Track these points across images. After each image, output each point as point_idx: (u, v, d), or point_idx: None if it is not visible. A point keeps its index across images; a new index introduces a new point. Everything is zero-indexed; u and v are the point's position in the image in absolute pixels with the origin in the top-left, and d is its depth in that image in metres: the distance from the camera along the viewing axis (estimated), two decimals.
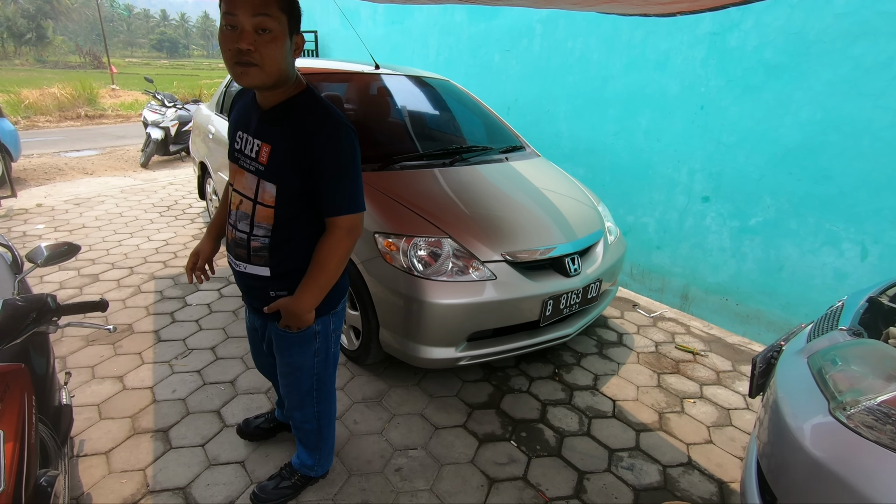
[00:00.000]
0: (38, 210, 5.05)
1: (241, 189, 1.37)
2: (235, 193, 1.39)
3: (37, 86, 14.51)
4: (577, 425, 2.32)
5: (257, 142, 1.31)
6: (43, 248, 1.55)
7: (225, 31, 1.14)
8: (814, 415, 1.21)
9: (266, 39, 1.15)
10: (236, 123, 1.40)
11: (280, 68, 1.21)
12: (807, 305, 3.04)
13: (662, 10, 2.18)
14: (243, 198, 1.37)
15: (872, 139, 2.66)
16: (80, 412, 2.20)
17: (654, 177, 3.71)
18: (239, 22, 1.12)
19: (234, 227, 1.41)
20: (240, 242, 1.41)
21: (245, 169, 1.35)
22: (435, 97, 3.67)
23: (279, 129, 1.30)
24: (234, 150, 1.39)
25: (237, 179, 1.38)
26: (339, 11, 6.90)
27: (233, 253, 1.46)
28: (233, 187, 1.41)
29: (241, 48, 1.13)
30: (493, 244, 2.29)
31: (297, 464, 1.85)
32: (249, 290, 1.52)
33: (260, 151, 1.31)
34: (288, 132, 1.28)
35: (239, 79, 1.20)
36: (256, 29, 1.13)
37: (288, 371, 1.61)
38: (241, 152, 1.36)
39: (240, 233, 1.40)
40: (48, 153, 8.28)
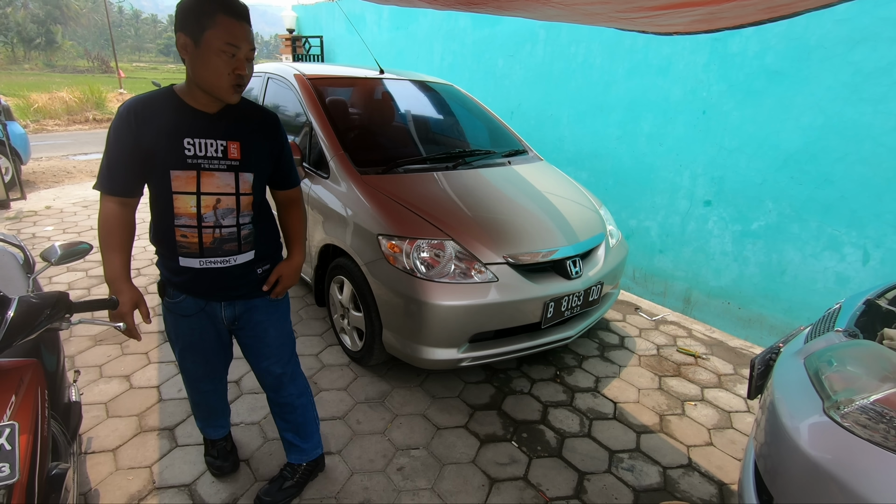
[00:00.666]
0: (47, 212, 5.13)
1: (215, 189, 1.41)
2: (204, 197, 1.40)
3: (46, 90, 14.69)
4: (578, 427, 2.34)
5: (221, 142, 1.40)
6: (57, 246, 1.59)
7: (224, 57, 1.29)
8: (809, 415, 1.23)
9: (250, 66, 1.37)
10: (174, 134, 1.36)
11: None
12: (809, 309, 3.04)
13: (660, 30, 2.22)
14: (220, 196, 1.42)
15: (873, 144, 2.68)
16: (89, 410, 2.24)
17: (656, 181, 3.73)
18: (239, 52, 1.30)
19: (218, 226, 1.44)
20: (229, 238, 1.47)
21: (214, 169, 1.40)
22: (439, 102, 3.71)
23: (242, 125, 1.44)
24: (185, 157, 1.37)
25: (206, 182, 1.40)
26: (345, 17, 6.97)
27: (218, 252, 1.47)
28: (198, 193, 1.40)
29: (241, 74, 1.33)
30: (495, 247, 2.32)
31: (296, 460, 1.88)
32: (234, 281, 1.55)
33: (227, 149, 1.41)
34: (254, 127, 1.46)
35: (232, 97, 1.36)
36: (248, 59, 1.34)
37: (282, 342, 1.72)
38: (200, 156, 1.38)
39: (227, 228, 1.46)
40: (57, 156, 8.38)
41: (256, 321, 1.65)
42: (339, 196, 2.60)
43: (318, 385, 2.52)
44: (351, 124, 3.19)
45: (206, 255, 1.46)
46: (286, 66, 3.39)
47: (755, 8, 1.58)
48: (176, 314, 1.60)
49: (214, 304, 1.59)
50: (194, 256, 1.46)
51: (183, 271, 1.48)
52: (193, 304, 1.57)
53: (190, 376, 1.76)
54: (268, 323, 1.67)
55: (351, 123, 3.20)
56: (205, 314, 1.59)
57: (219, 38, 1.27)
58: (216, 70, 1.30)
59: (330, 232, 2.63)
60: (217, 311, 1.60)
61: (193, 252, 1.45)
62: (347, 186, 2.57)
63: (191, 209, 1.40)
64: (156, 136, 1.34)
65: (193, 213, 1.41)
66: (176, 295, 1.56)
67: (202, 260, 1.46)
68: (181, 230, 1.42)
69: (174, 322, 1.62)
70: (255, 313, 1.64)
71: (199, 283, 1.51)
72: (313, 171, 2.82)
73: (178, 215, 1.40)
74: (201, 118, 1.39)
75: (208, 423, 1.91)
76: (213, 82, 1.32)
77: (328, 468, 2.00)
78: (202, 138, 1.38)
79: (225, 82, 1.32)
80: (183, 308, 1.57)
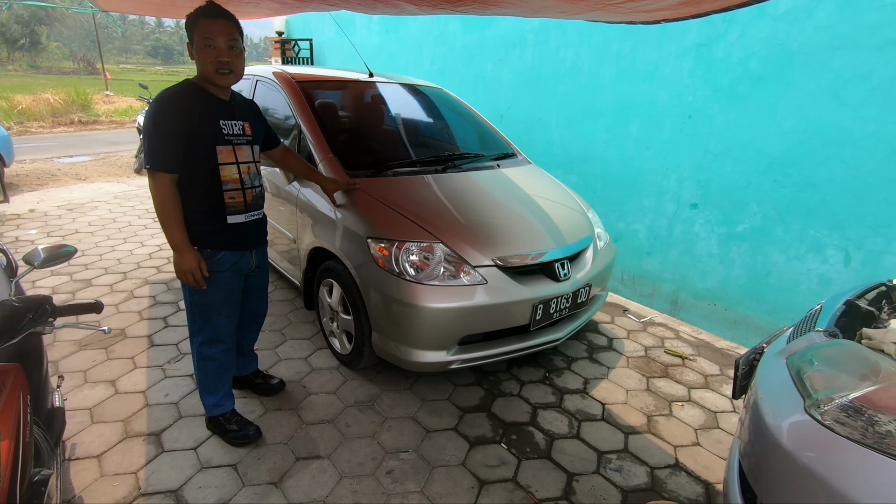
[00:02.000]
0: (31, 215, 5.05)
1: (244, 159, 1.86)
2: (242, 165, 1.85)
3: (30, 91, 14.49)
4: (566, 428, 2.35)
5: (239, 122, 1.85)
6: (40, 249, 1.57)
7: (205, 49, 1.68)
8: (791, 413, 1.25)
9: (235, 54, 1.73)
10: (212, 116, 1.76)
11: (243, 71, 1.79)
12: (793, 310, 3.09)
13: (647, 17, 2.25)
14: (249, 164, 1.88)
15: (854, 148, 2.74)
16: (73, 416, 2.20)
17: (643, 184, 3.78)
18: (216, 43, 1.68)
19: (252, 188, 1.91)
20: (259, 195, 1.97)
21: (241, 144, 1.85)
22: (428, 105, 3.72)
23: (246, 110, 1.92)
24: (223, 135, 1.78)
25: (239, 154, 1.83)
26: (334, 21, 6.97)
27: (254, 208, 1.94)
28: (237, 163, 1.83)
29: (222, 60, 1.69)
30: (484, 249, 2.33)
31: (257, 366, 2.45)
32: (261, 228, 2.05)
33: (244, 128, 1.87)
34: (251, 111, 1.96)
35: (220, 80, 1.73)
36: (229, 47, 1.70)
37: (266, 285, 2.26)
38: (231, 134, 1.81)
39: (257, 188, 1.95)
40: (41, 159, 8.26)
41: (265, 264, 2.17)
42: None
43: (307, 389, 2.50)
44: (340, 127, 3.19)
45: (248, 210, 1.91)
46: (275, 68, 3.38)
47: None
48: (214, 272, 1.88)
49: (247, 255, 1.98)
50: (241, 213, 1.88)
51: (230, 227, 1.87)
52: (230, 258, 1.91)
53: (223, 332, 2.01)
54: (267, 264, 2.21)
55: (340, 126, 3.20)
56: (237, 267, 1.95)
57: (201, 37, 1.67)
58: (203, 60, 1.69)
59: (319, 235, 2.62)
60: (248, 261, 2.00)
61: (240, 209, 1.88)
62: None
63: (234, 175, 1.83)
64: (199, 119, 1.72)
65: (237, 178, 1.84)
66: (215, 253, 1.87)
67: (247, 215, 1.91)
68: (229, 193, 1.83)
69: (211, 280, 1.88)
70: (265, 258, 2.16)
71: (244, 234, 1.92)
72: None
73: (225, 181, 1.81)
74: (224, 104, 1.81)
75: (227, 388, 2.12)
76: (204, 71, 1.72)
77: (318, 471, 1.99)
78: (230, 120, 1.81)
79: (210, 69, 1.70)
80: (221, 264, 1.89)
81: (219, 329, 1.98)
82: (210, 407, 2.10)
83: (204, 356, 2.01)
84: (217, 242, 1.86)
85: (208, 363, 2.02)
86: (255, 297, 2.20)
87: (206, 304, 1.94)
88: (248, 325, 2.26)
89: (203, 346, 2.00)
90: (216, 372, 2.05)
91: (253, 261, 2.02)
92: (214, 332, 1.98)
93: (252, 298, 2.17)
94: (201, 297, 1.91)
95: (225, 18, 1.69)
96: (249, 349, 2.38)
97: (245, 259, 1.97)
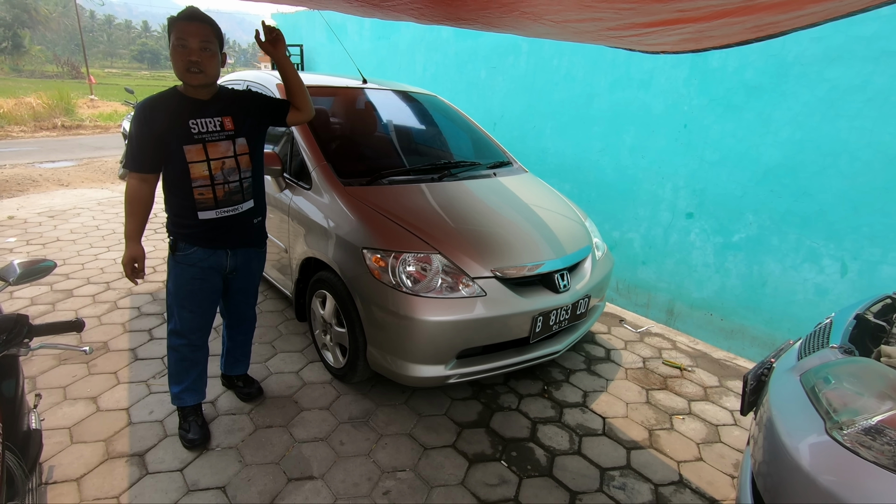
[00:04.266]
0: (10, 223, 4.88)
1: (218, 155, 1.86)
2: (213, 162, 1.85)
3: (12, 95, 14.17)
4: (567, 444, 2.29)
5: (217, 119, 1.86)
6: (16, 265, 1.47)
7: (178, 49, 1.72)
8: (809, 434, 1.21)
9: (207, 56, 1.76)
10: (180, 117, 1.79)
11: (217, 73, 1.83)
12: (790, 321, 3.08)
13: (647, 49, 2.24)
14: (223, 159, 1.87)
15: (850, 158, 2.74)
16: (51, 436, 2.09)
17: (639, 193, 3.76)
18: (188, 44, 1.72)
19: (225, 183, 1.89)
20: (235, 190, 1.93)
21: (215, 140, 1.85)
22: (422, 112, 3.67)
23: (231, 105, 1.91)
24: (192, 134, 1.81)
25: (212, 150, 1.84)
26: (326, 26, 6.92)
27: (229, 203, 1.92)
28: (207, 160, 1.83)
29: (191, 60, 1.73)
30: (482, 260, 2.27)
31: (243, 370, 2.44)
32: (241, 227, 2.00)
33: (223, 123, 1.87)
34: (241, 106, 1.95)
35: (190, 79, 1.76)
36: (201, 48, 1.73)
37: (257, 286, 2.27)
38: (204, 132, 1.83)
39: (233, 183, 1.92)
40: (22, 164, 8.05)
41: (252, 269, 2.16)
42: (321, 208, 2.53)
43: (299, 404, 2.41)
44: (333, 134, 3.12)
45: (220, 206, 1.90)
46: (266, 74, 3.31)
47: (742, 27, 1.58)
48: (184, 265, 1.94)
49: (220, 254, 1.98)
50: (211, 209, 1.89)
51: (201, 223, 1.89)
52: (201, 254, 1.94)
53: (186, 326, 2.02)
54: (256, 270, 2.20)
55: (333, 133, 3.13)
56: (209, 263, 1.96)
57: (175, 37, 1.72)
58: (175, 61, 1.75)
59: (312, 245, 2.54)
60: (222, 260, 2.00)
61: (210, 205, 1.88)
62: (330, 198, 2.49)
63: (203, 172, 1.84)
64: (166, 120, 1.77)
65: (206, 175, 1.85)
66: (187, 248, 1.92)
67: (218, 210, 1.90)
68: (198, 190, 1.85)
69: (181, 273, 1.95)
70: (252, 262, 2.14)
71: (215, 231, 1.92)
72: (294, 182, 2.74)
73: (194, 178, 1.83)
74: (198, 104, 1.84)
75: (190, 383, 2.11)
76: (176, 71, 1.77)
77: (311, 492, 1.90)
78: (202, 118, 1.83)
79: (181, 68, 1.74)
80: (192, 258, 1.93)
81: (182, 322, 2.02)
82: (173, 396, 2.14)
83: (171, 345, 2.07)
84: (190, 237, 1.92)
85: (173, 353, 2.08)
86: (238, 302, 2.22)
87: (174, 295, 2.00)
88: (234, 328, 2.31)
89: (171, 336, 2.06)
90: (179, 364, 2.08)
91: (227, 262, 2.02)
92: (178, 324, 2.03)
93: (234, 302, 2.21)
94: (172, 285, 2.00)
95: (201, 21, 1.74)
96: (239, 353, 2.39)
97: (217, 256, 1.98)
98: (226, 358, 2.40)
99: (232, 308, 2.23)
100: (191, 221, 1.89)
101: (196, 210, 1.87)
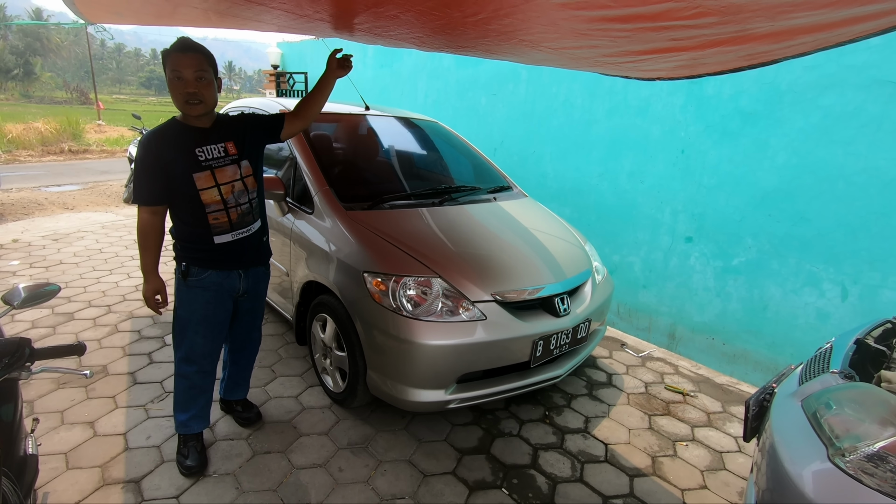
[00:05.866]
0: (14, 246, 4.92)
1: (226, 180, 1.89)
2: (223, 186, 1.88)
3: (21, 120, 14.43)
4: (569, 471, 2.25)
5: (220, 145, 1.89)
6: (20, 288, 1.49)
7: (175, 81, 1.75)
8: (812, 460, 1.20)
9: (204, 84, 1.78)
10: (187, 147, 1.82)
11: (215, 99, 1.86)
12: (792, 345, 3.07)
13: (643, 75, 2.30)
14: (232, 183, 1.91)
15: (846, 183, 2.77)
16: (47, 461, 2.07)
17: (638, 217, 3.79)
18: (184, 75, 1.74)
19: (237, 206, 1.94)
20: (247, 212, 1.98)
21: (222, 165, 1.88)
22: (424, 138, 3.74)
23: (230, 130, 1.94)
24: (199, 162, 1.84)
25: (220, 175, 1.88)
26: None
27: (242, 225, 1.96)
28: (217, 185, 1.87)
29: (189, 91, 1.75)
30: (483, 284, 2.28)
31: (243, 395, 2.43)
32: (253, 247, 2.04)
33: (227, 148, 1.91)
34: (238, 129, 1.97)
35: (189, 110, 1.80)
36: (196, 78, 1.76)
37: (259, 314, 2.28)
38: (210, 159, 1.86)
39: (244, 205, 1.96)
40: (28, 188, 8.15)
41: (260, 290, 2.19)
42: (323, 232, 2.55)
43: (297, 429, 2.39)
44: (336, 159, 3.17)
45: (234, 228, 1.94)
46: (270, 100, 3.39)
47: (736, 55, 1.63)
48: (198, 289, 1.94)
49: (234, 276, 2.01)
50: (227, 232, 1.92)
51: (217, 248, 1.92)
52: (216, 277, 1.95)
53: (197, 352, 2.02)
54: (264, 290, 2.23)
55: (336, 159, 3.19)
56: (223, 287, 1.98)
57: (170, 70, 1.75)
58: (173, 92, 1.78)
59: (313, 268, 2.56)
60: (235, 283, 2.02)
61: (226, 229, 1.92)
62: (332, 222, 2.52)
63: (215, 197, 1.88)
64: (174, 152, 1.80)
65: (219, 200, 1.88)
66: (200, 272, 1.93)
67: (234, 233, 1.94)
68: (213, 214, 1.88)
69: (194, 298, 1.95)
70: (261, 282, 2.18)
71: (231, 253, 1.96)
72: (297, 207, 2.78)
73: (207, 204, 1.86)
74: (201, 132, 1.87)
75: (198, 410, 2.11)
76: (176, 103, 1.80)
77: None
78: (206, 145, 1.86)
79: (180, 100, 1.78)
80: (206, 282, 1.94)
81: (194, 348, 2.01)
82: (179, 423, 2.11)
83: (180, 372, 2.05)
84: (205, 261, 1.93)
85: (182, 380, 2.06)
86: (245, 324, 2.21)
87: (186, 320, 1.98)
88: (238, 352, 2.30)
89: (181, 363, 2.04)
90: (188, 391, 2.07)
91: (240, 284, 2.04)
92: (190, 350, 2.01)
93: (242, 324, 2.20)
94: (184, 311, 1.98)
95: (193, 51, 1.75)
96: (241, 378, 2.39)
97: (231, 279, 2.00)
98: (227, 382, 2.39)
99: (239, 330, 2.22)
100: (206, 247, 1.91)
101: (212, 235, 1.90)
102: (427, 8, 1.55)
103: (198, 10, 2.04)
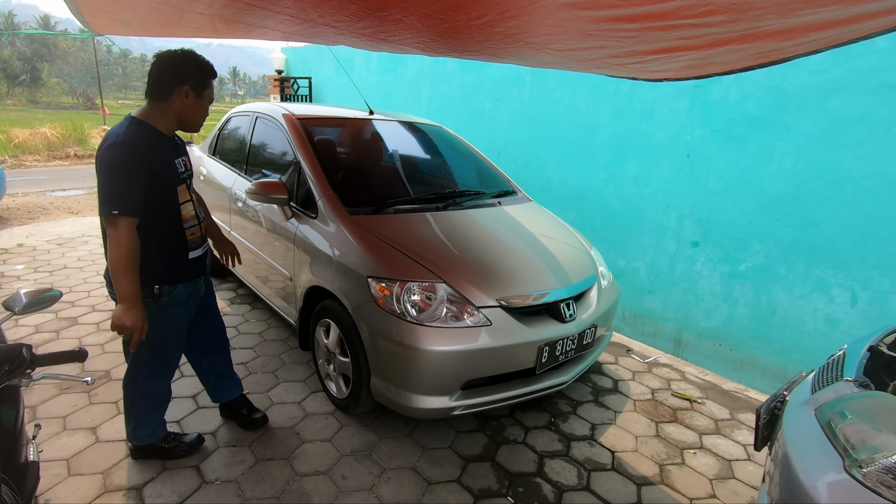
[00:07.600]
0: (19, 250, 4.93)
1: (193, 194, 1.94)
2: (190, 203, 1.89)
3: (28, 125, 14.54)
4: (575, 479, 2.22)
5: (182, 158, 1.90)
6: (22, 294, 1.48)
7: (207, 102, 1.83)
8: (828, 471, 1.17)
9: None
10: (169, 157, 1.80)
11: None
12: (800, 351, 3.03)
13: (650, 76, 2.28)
14: (194, 201, 1.93)
15: (854, 188, 2.74)
16: (48, 468, 2.05)
17: (643, 222, 3.76)
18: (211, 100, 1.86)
19: (201, 223, 1.96)
20: (206, 230, 2.05)
21: (187, 179, 1.90)
22: (428, 142, 3.73)
23: (182, 144, 1.97)
24: (179, 175, 1.84)
25: (189, 192, 1.89)
26: (334, 59, 7.11)
27: (205, 239, 2.02)
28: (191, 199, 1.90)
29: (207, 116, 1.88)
30: (487, 289, 2.26)
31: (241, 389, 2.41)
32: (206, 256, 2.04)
33: (186, 163, 1.92)
34: (184, 144, 1.99)
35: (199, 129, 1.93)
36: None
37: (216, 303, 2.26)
38: (183, 171, 1.87)
39: (203, 221, 2.01)
40: (34, 192, 8.19)
41: (209, 282, 2.18)
42: (327, 236, 2.54)
43: (300, 436, 2.37)
44: (340, 164, 3.16)
45: (203, 242, 1.98)
46: (275, 105, 3.39)
47: (745, 53, 1.61)
48: (170, 307, 1.88)
49: (197, 283, 2.00)
50: (199, 247, 1.95)
51: (191, 262, 1.91)
52: (185, 290, 1.92)
53: (172, 366, 2.05)
54: (211, 283, 2.22)
55: (340, 163, 3.18)
56: (193, 296, 1.98)
57: (210, 96, 1.85)
58: (204, 113, 1.85)
59: (317, 273, 2.54)
60: (199, 288, 2.03)
61: (199, 244, 1.94)
62: (336, 227, 2.51)
63: (192, 212, 1.89)
64: (161, 160, 1.74)
65: (193, 215, 1.90)
66: (171, 290, 1.87)
67: (202, 248, 1.98)
68: (190, 230, 1.88)
69: (170, 317, 1.90)
70: (207, 275, 2.16)
71: (199, 265, 1.98)
72: (301, 211, 2.76)
73: (185, 219, 1.85)
74: (173, 143, 1.86)
75: (162, 416, 2.12)
76: (200, 121, 1.86)
77: None
78: (179, 157, 1.87)
79: (202, 118, 1.86)
80: (178, 298, 1.90)
81: (171, 361, 2.03)
82: (143, 437, 2.07)
83: (149, 391, 2.01)
84: (177, 277, 1.89)
85: (148, 398, 2.03)
86: (211, 319, 2.21)
87: (161, 341, 1.93)
88: (212, 351, 2.27)
89: (150, 381, 1.99)
90: (156, 407, 2.08)
91: (202, 287, 2.07)
92: (167, 365, 2.02)
93: (208, 321, 2.20)
94: (157, 333, 1.84)
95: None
96: (227, 372, 2.36)
97: (197, 287, 2.02)
98: (216, 385, 2.34)
99: (205, 329, 2.19)
100: (182, 262, 1.88)
101: (188, 251, 1.89)
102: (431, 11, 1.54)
103: (203, 17, 2.04)
